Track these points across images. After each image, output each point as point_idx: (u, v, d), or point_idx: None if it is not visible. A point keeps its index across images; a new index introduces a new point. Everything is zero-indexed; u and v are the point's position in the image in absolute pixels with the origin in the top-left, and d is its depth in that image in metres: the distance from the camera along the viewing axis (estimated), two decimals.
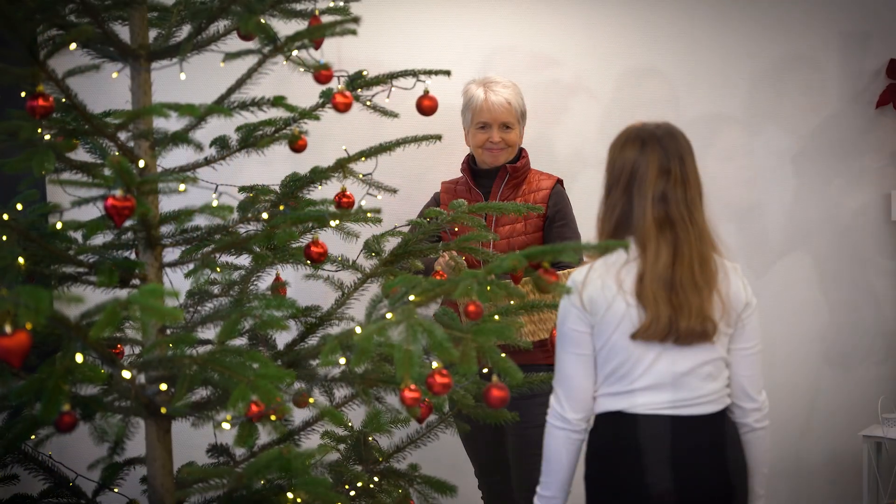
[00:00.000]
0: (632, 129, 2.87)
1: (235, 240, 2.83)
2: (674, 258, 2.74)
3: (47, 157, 2.45)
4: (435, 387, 2.21)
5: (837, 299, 5.56)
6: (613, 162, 2.86)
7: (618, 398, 2.78)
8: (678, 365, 2.76)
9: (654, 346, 2.74)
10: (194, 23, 2.80)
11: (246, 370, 2.29)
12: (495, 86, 4.25)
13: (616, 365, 2.77)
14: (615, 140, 2.89)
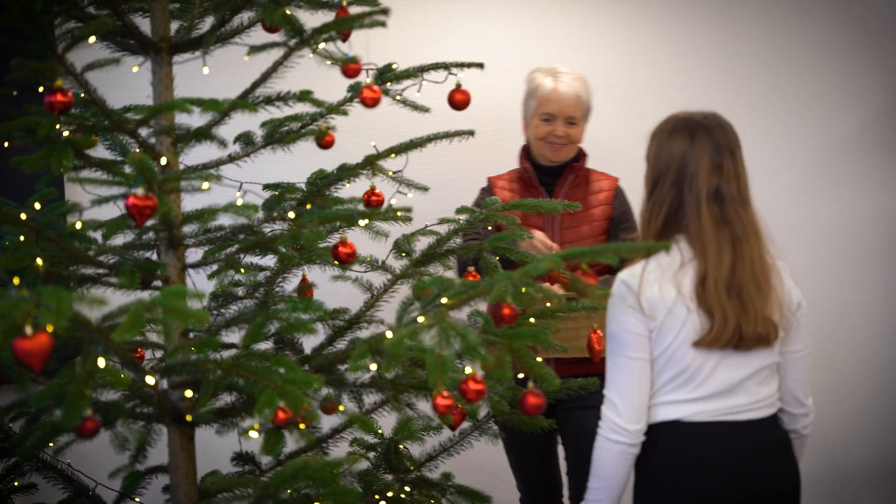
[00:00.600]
0: (678, 119, 2.82)
1: (260, 240, 2.81)
2: (734, 260, 2.70)
3: (66, 154, 2.44)
4: (468, 393, 2.19)
5: (884, 303, 5.55)
6: (659, 154, 2.80)
7: (676, 406, 2.74)
8: (738, 371, 2.73)
9: (715, 352, 2.70)
10: (217, 14, 2.79)
11: (273, 375, 2.27)
12: (565, 76, 4.11)
13: (676, 372, 2.72)
14: (659, 129, 2.85)
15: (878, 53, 5.61)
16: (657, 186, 2.79)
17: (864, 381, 5.66)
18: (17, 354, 1.68)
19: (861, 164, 5.60)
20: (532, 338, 2.41)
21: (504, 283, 2.25)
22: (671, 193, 2.76)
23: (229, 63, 3.19)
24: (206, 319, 1.90)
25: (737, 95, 5.37)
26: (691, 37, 5.38)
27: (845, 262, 5.61)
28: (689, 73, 5.35)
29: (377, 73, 2.87)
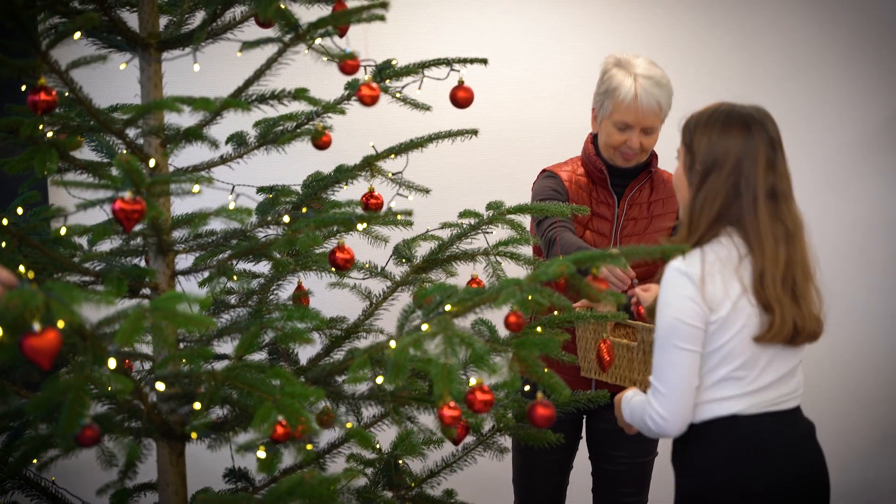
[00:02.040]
0: (731, 111, 2.89)
1: (254, 245, 2.82)
2: (788, 256, 2.80)
3: (50, 156, 2.45)
4: (476, 404, 2.19)
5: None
6: (712, 146, 2.85)
7: (733, 402, 2.82)
8: (786, 364, 2.86)
9: (769, 347, 2.81)
10: (208, 9, 2.80)
11: (270, 388, 2.28)
12: (645, 81, 3.83)
13: (734, 368, 2.80)
14: (709, 120, 2.89)
15: (889, 54, 5.63)
16: (708, 178, 2.84)
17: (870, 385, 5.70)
18: (26, 352, 1.69)
19: (871, 167, 5.62)
20: (540, 347, 2.42)
21: (511, 289, 2.26)
22: (726, 186, 2.82)
23: (221, 60, 3.20)
24: (212, 325, 1.92)
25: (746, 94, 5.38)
26: (700, 36, 5.40)
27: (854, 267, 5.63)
28: (695, 72, 5.37)
29: (376, 70, 2.87)
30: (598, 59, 5.09)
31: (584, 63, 5.22)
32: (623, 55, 3.91)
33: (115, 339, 1.87)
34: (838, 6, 5.57)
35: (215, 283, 2.84)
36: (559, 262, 2.24)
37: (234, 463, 3.15)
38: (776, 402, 2.85)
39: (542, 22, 5.18)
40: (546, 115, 5.02)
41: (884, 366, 5.75)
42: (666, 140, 3.78)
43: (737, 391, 2.81)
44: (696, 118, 2.92)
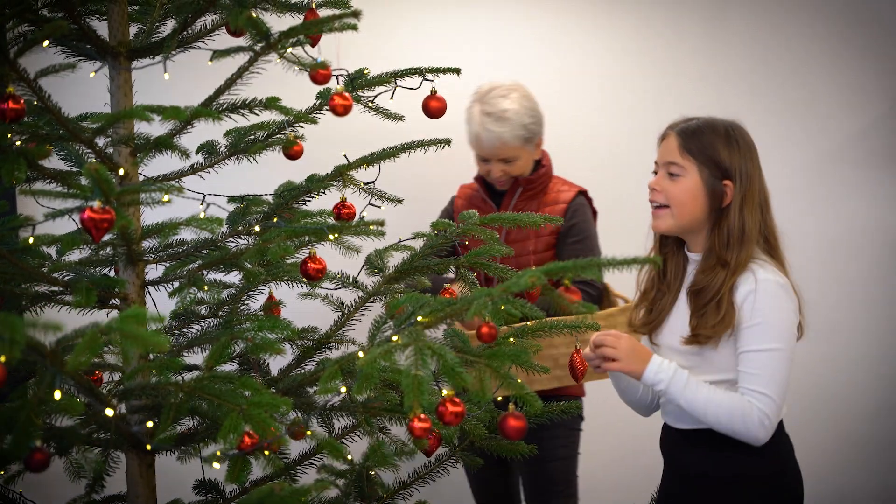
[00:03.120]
0: (746, 133, 3.03)
1: (225, 255, 2.81)
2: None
3: (18, 164, 2.43)
4: (446, 416, 2.19)
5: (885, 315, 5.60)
6: (745, 158, 2.98)
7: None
8: None
9: None
10: (179, 17, 2.79)
11: (238, 398, 2.27)
12: (486, 118, 4.10)
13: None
14: (736, 135, 3.00)
15: (878, 57, 5.65)
16: (750, 191, 2.97)
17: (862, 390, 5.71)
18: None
19: (861, 171, 5.64)
20: (512, 358, 2.42)
21: (482, 300, 2.26)
22: (759, 200, 3.00)
23: (191, 69, 3.18)
24: (165, 346, 1.90)
25: (733, 100, 5.40)
26: (683, 40, 5.41)
27: (844, 273, 5.64)
28: (681, 77, 5.38)
29: (348, 80, 2.86)
30: (574, 68, 5.12)
31: (558, 72, 5.23)
32: (489, 85, 4.21)
33: (70, 359, 1.85)
34: (824, 8, 5.59)
35: (185, 293, 2.82)
36: (531, 273, 2.23)
37: (205, 474, 3.14)
38: None
39: (515, 32, 5.19)
40: None
41: (862, 372, 5.76)
42: (637, 152, 3.80)
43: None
44: (710, 134, 2.99)
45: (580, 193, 4.22)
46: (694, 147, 2.96)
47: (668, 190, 2.98)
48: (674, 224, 2.99)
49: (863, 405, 5.74)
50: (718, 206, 2.95)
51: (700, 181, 2.95)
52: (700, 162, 2.94)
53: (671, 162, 2.98)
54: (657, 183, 3.01)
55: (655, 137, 3.11)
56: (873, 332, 5.74)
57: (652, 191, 3.01)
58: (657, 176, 3.02)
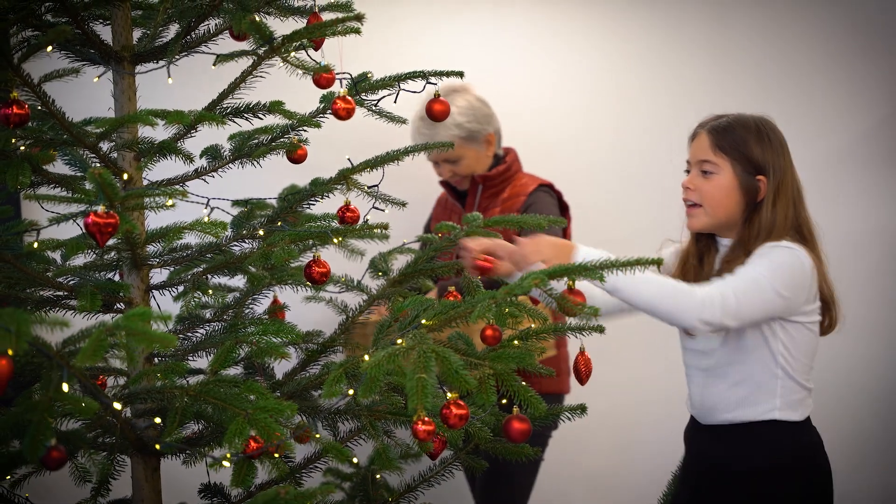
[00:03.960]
0: (776, 127, 3.08)
1: (229, 259, 2.81)
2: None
3: (22, 169, 2.44)
4: (451, 418, 2.18)
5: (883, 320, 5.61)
6: (778, 153, 3.01)
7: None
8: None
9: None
10: (182, 22, 2.79)
11: (243, 402, 2.27)
12: (422, 124, 4.18)
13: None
14: (767, 130, 3.05)
15: (883, 58, 5.65)
16: (783, 185, 3.00)
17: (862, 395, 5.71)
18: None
19: (860, 174, 5.64)
20: (517, 360, 2.42)
21: (486, 302, 2.26)
22: (793, 202, 3.02)
23: (195, 73, 3.18)
24: (174, 343, 1.90)
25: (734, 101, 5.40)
26: (683, 41, 5.41)
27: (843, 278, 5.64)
28: (680, 78, 5.38)
29: (351, 83, 2.86)
30: (577, 69, 5.13)
31: (562, 74, 5.24)
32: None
33: (77, 358, 1.85)
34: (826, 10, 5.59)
35: (190, 297, 2.83)
36: (533, 276, 2.24)
37: (210, 478, 3.14)
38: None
39: (519, 34, 5.19)
40: (523, 127, 5.01)
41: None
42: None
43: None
44: (742, 130, 3.03)
45: (540, 187, 4.24)
46: (726, 144, 2.99)
47: (702, 188, 3.00)
48: (708, 222, 3.02)
49: (863, 406, 5.73)
50: (753, 201, 2.98)
51: (734, 178, 2.97)
52: (733, 158, 2.98)
53: (704, 160, 3.00)
54: (691, 181, 3.03)
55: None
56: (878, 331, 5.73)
57: (686, 189, 3.04)
58: (690, 175, 3.05)
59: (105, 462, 2.76)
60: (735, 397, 2.95)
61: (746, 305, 2.76)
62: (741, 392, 2.94)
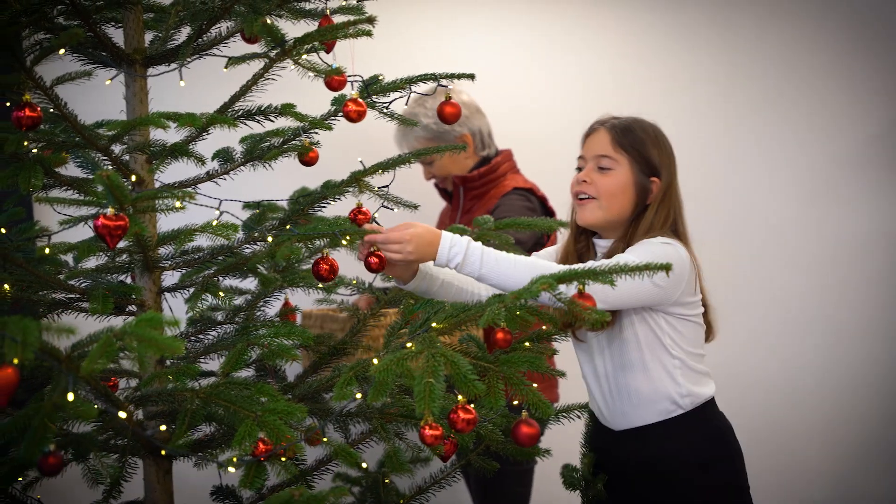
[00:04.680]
0: (666, 136, 3.09)
1: (240, 260, 2.82)
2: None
3: (35, 172, 2.44)
4: (458, 423, 2.18)
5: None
6: (671, 159, 3.05)
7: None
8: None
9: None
10: (194, 25, 2.80)
11: (253, 405, 2.28)
12: (397, 129, 4.31)
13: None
14: (662, 136, 3.07)
15: (886, 63, 5.64)
16: (670, 189, 3.01)
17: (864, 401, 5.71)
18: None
19: (867, 179, 5.63)
20: (527, 363, 2.42)
21: (496, 306, 2.26)
22: (677, 196, 3.04)
23: (207, 76, 3.18)
24: (180, 350, 1.90)
25: (741, 106, 5.40)
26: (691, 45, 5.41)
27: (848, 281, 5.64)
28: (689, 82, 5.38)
29: (363, 86, 2.86)
30: (588, 71, 5.12)
31: (573, 75, 5.24)
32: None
33: (84, 363, 1.86)
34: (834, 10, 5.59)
35: (201, 299, 2.83)
36: (542, 280, 2.23)
37: (222, 480, 3.14)
38: None
39: (530, 35, 5.19)
40: (535, 129, 5.02)
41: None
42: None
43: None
44: (641, 132, 3.04)
45: (515, 190, 4.21)
46: (626, 142, 3.00)
47: (598, 182, 2.99)
48: (601, 216, 2.99)
49: (865, 408, 5.72)
50: (642, 202, 2.99)
51: (630, 175, 2.98)
52: (631, 157, 2.99)
53: (603, 155, 3.00)
54: (587, 175, 3.00)
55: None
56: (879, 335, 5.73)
57: (581, 183, 3.01)
58: (586, 169, 3.02)
59: (117, 464, 2.77)
60: (641, 397, 2.95)
61: (618, 287, 2.66)
62: (645, 390, 2.94)
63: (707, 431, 2.99)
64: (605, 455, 3.09)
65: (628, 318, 2.90)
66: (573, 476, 3.07)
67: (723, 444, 3.01)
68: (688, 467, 2.94)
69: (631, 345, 2.92)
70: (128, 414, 2.42)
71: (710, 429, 3.00)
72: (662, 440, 2.95)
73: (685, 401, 2.93)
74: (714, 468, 2.96)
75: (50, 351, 1.93)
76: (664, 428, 2.94)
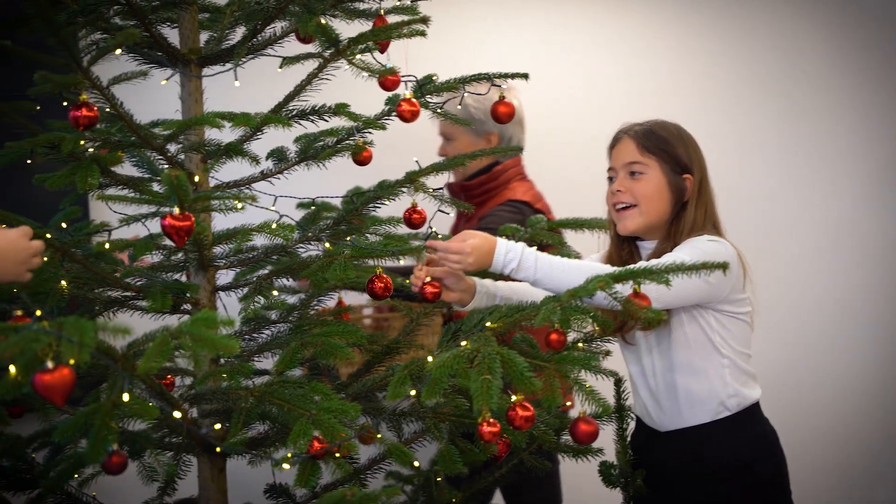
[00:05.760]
0: (689, 132, 3.09)
1: (294, 262, 2.82)
2: None
3: (91, 171, 2.45)
4: (517, 420, 2.17)
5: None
6: (697, 153, 3.04)
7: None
8: None
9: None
10: (249, 25, 2.80)
11: (307, 403, 2.28)
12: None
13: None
14: (687, 136, 3.07)
15: None
16: (703, 183, 3.01)
17: None
18: (38, 389, 1.68)
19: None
20: (581, 363, 2.40)
21: (551, 305, 2.25)
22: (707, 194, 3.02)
23: (261, 75, 3.19)
24: (235, 349, 1.90)
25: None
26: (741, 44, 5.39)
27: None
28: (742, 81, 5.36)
29: (416, 86, 2.86)
30: (641, 70, 5.10)
31: (627, 75, 5.22)
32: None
33: (140, 362, 1.86)
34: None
35: (253, 299, 2.83)
36: (598, 278, 2.22)
37: (275, 479, 3.15)
38: None
39: (583, 35, 5.18)
40: (589, 129, 4.97)
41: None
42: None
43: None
44: (663, 132, 3.04)
45: (508, 202, 4.05)
46: (651, 145, 2.99)
47: (633, 189, 2.99)
48: (642, 222, 2.99)
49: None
50: (680, 200, 2.99)
51: (663, 176, 2.98)
52: (660, 158, 2.98)
53: (632, 162, 2.99)
54: (621, 184, 3.00)
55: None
56: None
57: (616, 193, 3.01)
58: (619, 179, 3.02)
59: (172, 462, 2.78)
60: (689, 397, 2.93)
61: (675, 288, 2.69)
62: (694, 389, 2.92)
63: (752, 435, 2.96)
64: (645, 455, 3.07)
65: (677, 317, 2.89)
66: (611, 473, 3.05)
67: (767, 449, 2.99)
68: (731, 470, 2.92)
69: (680, 344, 2.91)
70: (183, 412, 2.42)
71: (756, 433, 2.98)
72: (707, 441, 2.93)
73: (732, 402, 2.91)
74: (757, 473, 2.94)
75: (106, 350, 1.94)
76: (710, 429, 2.93)
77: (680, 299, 2.78)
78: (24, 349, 1.66)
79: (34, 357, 1.67)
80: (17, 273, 2.35)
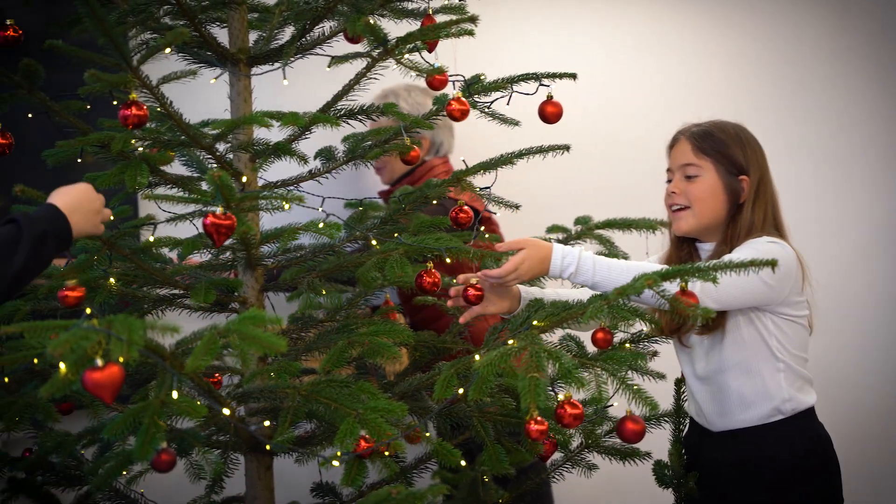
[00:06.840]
0: (750, 132, 3.08)
1: (342, 262, 2.82)
2: None
3: (141, 170, 2.46)
4: (565, 418, 2.17)
5: None
6: (756, 154, 3.03)
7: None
8: None
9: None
10: (298, 24, 2.81)
11: (354, 402, 2.28)
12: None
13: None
14: (744, 133, 3.06)
15: None
16: (762, 185, 3.00)
17: None
18: (88, 387, 1.68)
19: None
20: (629, 362, 2.40)
21: (598, 303, 2.24)
22: (768, 193, 3.00)
23: (310, 75, 3.19)
24: (283, 347, 1.90)
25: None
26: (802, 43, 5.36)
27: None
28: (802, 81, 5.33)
29: (465, 85, 2.85)
30: (687, 73, 5.08)
31: (674, 78, 5.20)
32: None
33: (189, 361, 1.86)
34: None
35: (303, 299, 2.84)
36: (646, 277, 2.21)
37: (322, 477, 3.15)
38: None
39: (631, 37, 5.16)
40: (636, 130, 4.99)
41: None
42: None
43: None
44: (720, 133, 3.04)
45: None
46: (707, 146, 3.00)
47: (688, 190, 3.00)
48: (695, 223, 3.00)
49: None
50: (736, 201, 2.99)
51: (718, 178, 2.98)
52: (715, 160, 2.99)
53: (687, 164, 3.01)
54: (675, 186, 3.03)
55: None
56: None
57: (671, 195, 3.04)
58: (674, 180, 3.05)
59: (219, 460, 2.78)
60: (744, 400, 2.92)
61: (728, 286, 2.66)
62: (748, 392, 2.91)
63: (806, 439, 2.94)
64: (697, 455, 3.06)
65: (734, 319, 2.87)
66: (664, 474, 3.04)
67: (821, 454, 2.97)
68: (782, 473, 2.91)
69: (737, 346, 2.89)
70: (231, 410, 2.43)
71: (809, 437, 2.96)
72: (760, 444, 2.91)
73: (787, 406, 2.90)
74: (810, 477, 2.93)
75: (154, 349, 1.94)
76: (764, 432, 2.91)
77: (739, 301, 2.79)
78: (74, 347, 1.66)
79: (84, 355, 1.67)
80: (94, 224, 2.45)
